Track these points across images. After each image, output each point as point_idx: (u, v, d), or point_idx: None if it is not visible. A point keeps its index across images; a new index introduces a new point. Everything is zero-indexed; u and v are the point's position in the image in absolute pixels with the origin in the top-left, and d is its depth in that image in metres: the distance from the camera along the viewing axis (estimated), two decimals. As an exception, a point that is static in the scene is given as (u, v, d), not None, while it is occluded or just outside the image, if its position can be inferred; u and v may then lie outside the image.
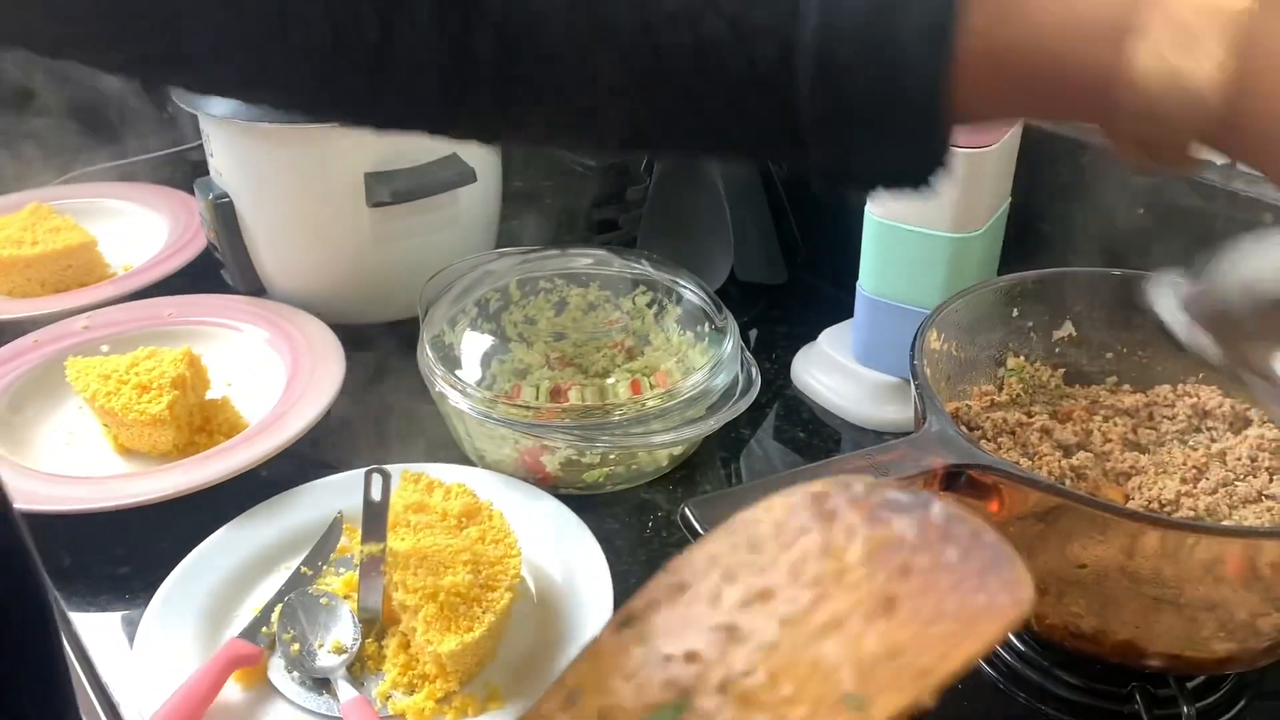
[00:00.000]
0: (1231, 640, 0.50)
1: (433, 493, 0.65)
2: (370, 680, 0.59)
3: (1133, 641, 0.51)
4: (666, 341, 0.80)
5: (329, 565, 0.66)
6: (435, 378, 0.72)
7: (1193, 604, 0.48)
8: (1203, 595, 0.48)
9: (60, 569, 0.68)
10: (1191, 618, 0.49)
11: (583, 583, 0.63)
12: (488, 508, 0.64)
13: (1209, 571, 0.47)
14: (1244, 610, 0.48)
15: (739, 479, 0.76)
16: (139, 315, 0.88)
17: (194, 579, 0.64)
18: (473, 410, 0.70)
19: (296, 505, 0.70)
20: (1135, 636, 0.51)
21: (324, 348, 0.82)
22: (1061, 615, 0.52)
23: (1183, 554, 0.47)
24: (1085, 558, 0.49)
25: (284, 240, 0.87)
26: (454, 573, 0.58)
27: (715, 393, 0.71)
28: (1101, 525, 0.48)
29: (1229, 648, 0.50)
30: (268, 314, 0.87)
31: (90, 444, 0.77)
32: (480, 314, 0.81)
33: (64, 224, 0.99)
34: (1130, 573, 0.48)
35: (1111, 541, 0.48)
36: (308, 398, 0.76)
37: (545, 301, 0.83)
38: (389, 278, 0.88)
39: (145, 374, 0.73)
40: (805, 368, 0.84)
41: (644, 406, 0.70)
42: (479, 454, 0.74)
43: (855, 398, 0.80)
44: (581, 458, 0.71)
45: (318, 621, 0.60)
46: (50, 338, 0.85)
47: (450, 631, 0.56)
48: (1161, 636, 0.51)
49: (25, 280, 0.96)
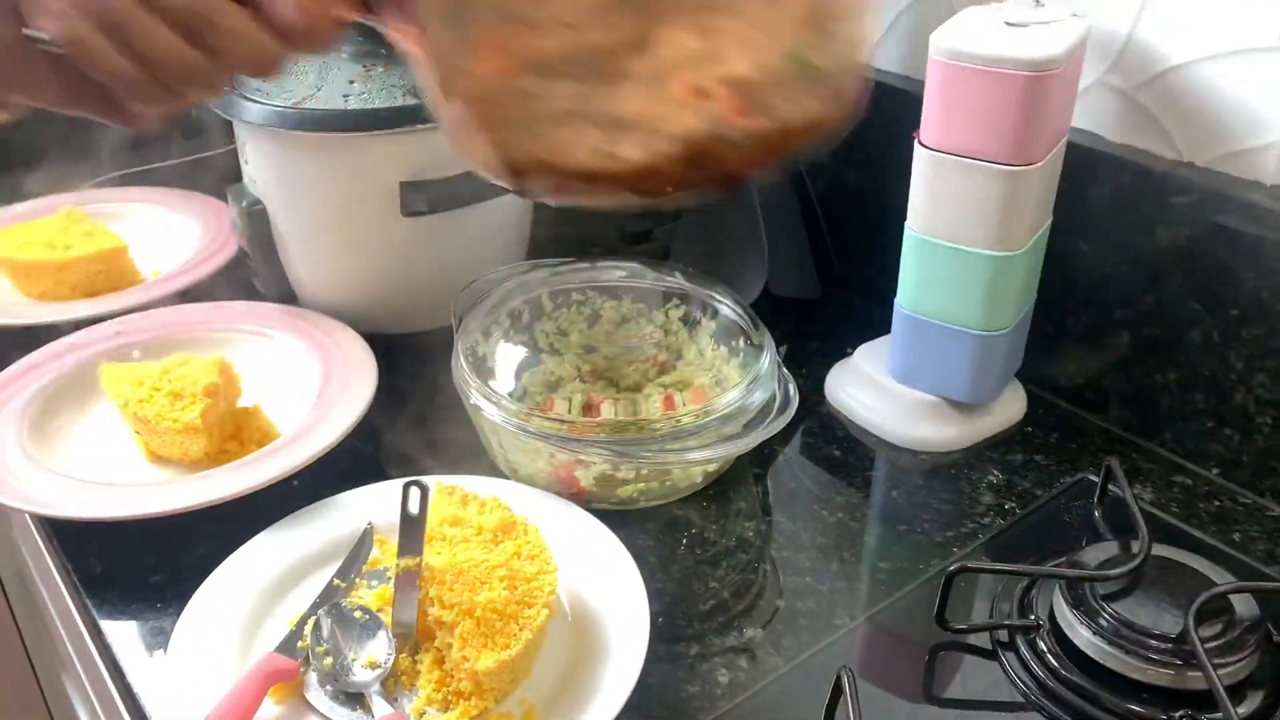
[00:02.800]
0: (636, 144, 0.44)
1: (467, 506, 0.64)
2: (404, 696, 0.58)
3: (545, 160, 0.46)
4: (700, 356, 0.80)
5: (361, 578, 0.65)
6: (470, 390, 0.72)
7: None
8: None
9: (91, 577, 0.68)
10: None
11: (618, 599, 0.62)
12: (523, 522, 0.64)
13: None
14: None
15: (772, 497, 0.75)
16: (170, 321, 0.88)
17: (226, 590, 0.63)
18: (507, 423, 0.70)
19: (327, 516, 0.69)
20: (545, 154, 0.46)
21: (356, 357, 0.81)
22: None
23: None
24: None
25: (316, 248, 0.87)
26: (490, 589, 0.57)
27: (751, 410, 0.70)
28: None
29: (634, 154, 0.45)
30: (300, 322, 0.87)
31: (121, 450, 0.77)
32: (513, 325, 0.80)
33: (96, 229, 0.99)
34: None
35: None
36: (340, 407, 0.76)
37: (577, 314, 0.82)
38: (420, 287, 0.87)
39: (178, 381, 0.73)
40: (839, 384, 0.83)
41: (679, 423, 0.69)
42: (512, 467, 0.74)
43: (891, 415, 0.79)
44: (616, 473, 0.70)
45: (352, 636, 0.60)
46: (82, 343, 0.85)
47: (487, 648, 0.55)
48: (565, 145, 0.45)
49: (57, 284, 0.96)
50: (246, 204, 0.86)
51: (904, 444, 0.79)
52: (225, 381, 0.75)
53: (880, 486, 0.76)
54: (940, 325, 0.75)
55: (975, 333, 0.74)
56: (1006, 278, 0.72)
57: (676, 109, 0.44)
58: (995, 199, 0.69)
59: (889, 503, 0.74)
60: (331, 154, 0.81)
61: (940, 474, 0.76)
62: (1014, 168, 0.68)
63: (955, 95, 0.68)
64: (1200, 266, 0.72)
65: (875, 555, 0.69)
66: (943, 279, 0.73)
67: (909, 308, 0.76)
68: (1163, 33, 0.71)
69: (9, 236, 0.98)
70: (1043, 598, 0.62)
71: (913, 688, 0.61)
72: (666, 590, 0.66)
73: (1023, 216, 0.70)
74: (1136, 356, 0.77)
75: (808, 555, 0.69)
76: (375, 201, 0.82)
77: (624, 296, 0.83)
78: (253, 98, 0.82)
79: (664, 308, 0.82)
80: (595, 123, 0.44)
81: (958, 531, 0.71)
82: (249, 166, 0.86)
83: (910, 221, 0.73)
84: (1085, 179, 0.75)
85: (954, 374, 0.76)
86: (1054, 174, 0.73)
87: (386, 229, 0.83)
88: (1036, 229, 0.73)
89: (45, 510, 0.67)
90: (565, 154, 0.46)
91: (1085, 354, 0.81)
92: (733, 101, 0.44)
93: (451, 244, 0.86)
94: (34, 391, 0.79)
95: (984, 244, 0.71)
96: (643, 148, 0.45)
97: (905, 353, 0.78)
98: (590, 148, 0.45)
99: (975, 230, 0.70)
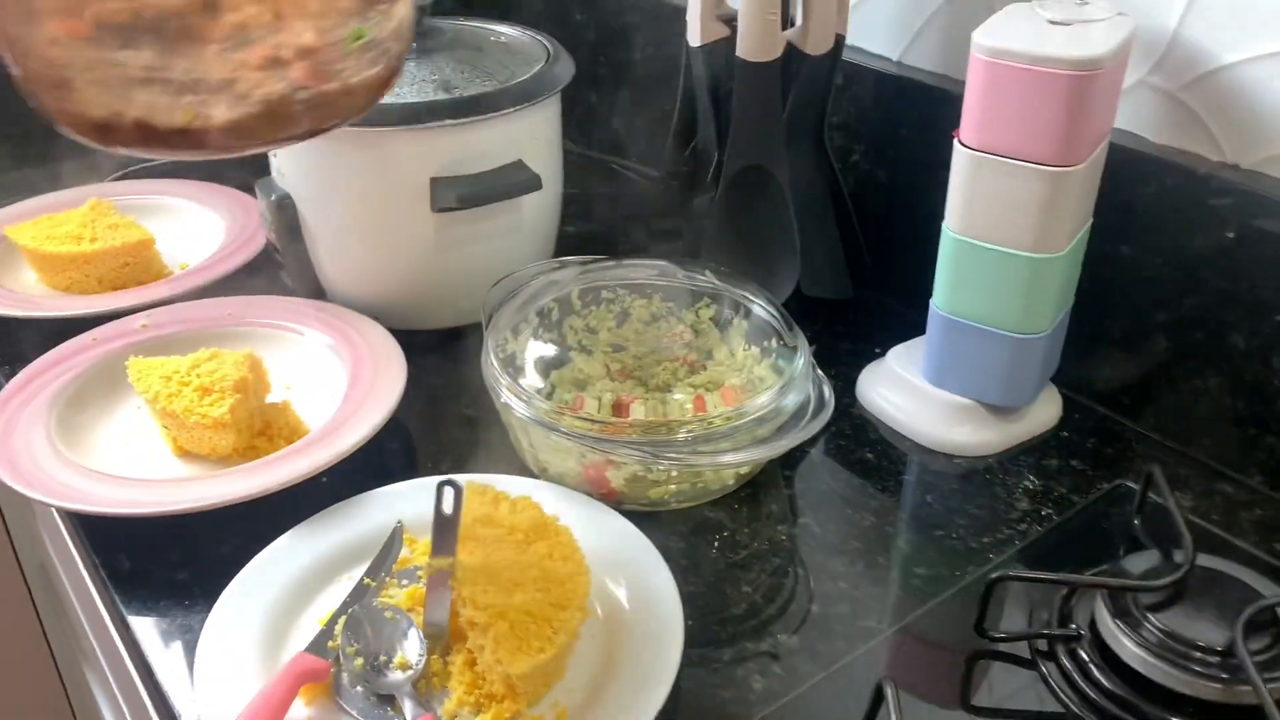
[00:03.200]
0: (224, 105, 0.50)
1: (499, 506, 0.63)
2: (435, 698, 0.57)
3: (143, 120, 0.50)
4: (730, 356, 0.79)
5: (391, 577, 0.65)
6: (500, 388, 0.71)
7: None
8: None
9: (119, 572, 0.67)
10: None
11: (650, 601, 0.62)
12: (554, 523, 0.63)
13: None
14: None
15: (803, 500, 0.74)
16: (198, 315, 0.88)
17: (255, 588, 0.63)
18: (538, 422, 0.69)
19: (356, 514, 0.69)
20: (142, 115, 0.49)
21: (384, 352, 0.81)
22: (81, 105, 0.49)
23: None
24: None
25: (345, 243, 0.86)
26: (524, 591, 0.57)
27: (785, 412, 0.70)
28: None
29: (224, 113, 0.50)
30: (328, 317, 0.86)
31: (148, 445, 0.76)
32: (542, 323, 0.79)
33: (123, 221, 0.98)
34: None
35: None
36: (369, 404, 0.75)
37: (607, 311, 0.82)
38: (449, 284, 0.87)
39: (207, 376, 0.73)
40: (872, 385, 0.82)
41: (711, 425, 0.68)
42: (541, 466, 0.73)
43: (925, 418, 0.78)
44: (648, 474, 0.69)
45: (383, 636, 0.59)
46: (109, 336, 0.85)
47: (521, 651, 0.54)
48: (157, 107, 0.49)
49: (83, 277, 0.95)
50: (275, 198, 0.85)
51: (938, 447, 0.77)
52: (255, 376, 0.74)
53: (914, 490, 0.75)
54: (977, 327, 0.74)
55: (1012, 335, 0.73)
56: (1046, 280, 0.71)
57: (256, 73, 0.50)
58: (1036, 200, 0.68)
59: (923, 507, 0.73)
60: (363, 149, 0.80)
61: (975, 478, 0.75)
62: (1057, 169, 0.66)
63: (997, 94, 0.66)
64: (1243, 270, 0.70)
65: (910, 561, 0.68)
66: (980, 280, 0.72)
67: (945, 309, 0.75)
68: (1210, 32, 0.70)
69: (36, 228, 0.97)
70: (1083, 607, 0.61)
71: (949, 696, 0.60)
72: (697, 594, 0.65)
73: (1064, 218, 0.69)
74: (1176, 361, 0.76)
75: (840, 560, 0.68)
76: (405, 196, 0.82)
77: (654, 295, 0.82)
78: (283, 91, 0.81)
79: (694, 307, 0.81)
80: (181, 85, 0.49)
81: (993, 537, 0.70)
82: (277, 159, 0.86)
83: (948, 222, 0.72)
84: (1126, 180, 0.74)
85: (990, 377, 0.75)
86: (1096, 175, 0.72)
87: (416, 224, 0.83)
88: (1077, 231, 0.72)
89: (75, 506, 0.67)
90: (155, 113, 0.50)
91: (1123, 358, 0.79)
92: (305, 67, 0.51)
93: (480, 240, 0.85)
94: (61, 385, 0.79)
95: (1024, 245, 0.69)
96: (229, 108, 0.50)
97: (940, 355, 0.77)
98: (180, 107, 0.50)
99: (1015, 231, 0.69)
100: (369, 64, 0.54)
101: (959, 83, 0.85)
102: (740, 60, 0.80)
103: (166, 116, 0.50)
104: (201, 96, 0.50)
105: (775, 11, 0.77)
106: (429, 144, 0.80)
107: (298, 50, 0.50)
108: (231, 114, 0.50)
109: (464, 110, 0.80)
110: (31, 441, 0.72)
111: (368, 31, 0.53)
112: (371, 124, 0.79)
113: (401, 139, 0.80)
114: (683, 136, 0.93)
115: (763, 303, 0.78)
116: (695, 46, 0.85)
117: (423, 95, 0.81)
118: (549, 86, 0.85)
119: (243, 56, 0.49)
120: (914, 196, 0.90)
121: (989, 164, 0.68)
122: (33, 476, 0.68)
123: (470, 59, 0.86)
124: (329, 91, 0.52)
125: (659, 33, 1.12)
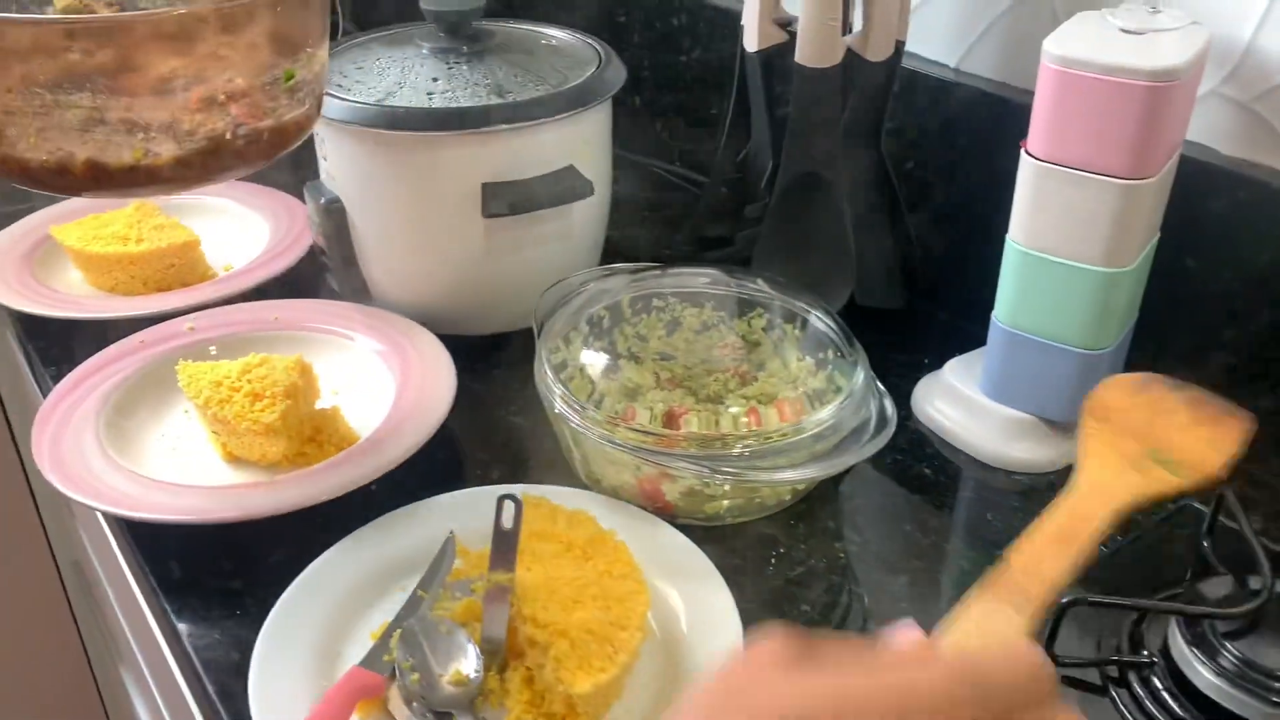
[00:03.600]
0: (171, 141, 0.55)
1: (555, 519, 0.63)
2: (491, 715, 0.56)
3: (95, 160, 0.54)
4: (784, 368, 0.77)
5: (444, 589, 0.64)
6: (554, 397, 0.70)
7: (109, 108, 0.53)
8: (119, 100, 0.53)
9: (170, 580, 0.67)
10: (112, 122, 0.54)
11: (709, 621, 0.60)
12: (612, 538, 0.62)
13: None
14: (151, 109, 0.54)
15: (860, 516, 0.73)
16: (244, 318, 0.87)
17: (308, 600, 0.62)
18: (592, 433, 0.68)
19: (406, 524, 0.68)
20: (93, 155, 0.54)
21: (433, 359, 0.80)
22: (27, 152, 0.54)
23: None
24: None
25: (394, 248, 0.85)
26: (584, 608, 0.56)
27: (845, 428, 0.68)
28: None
29: (172, 149, 0.56)
30: (375, 321, 0.85)
31: (196, 450, 0.76)
32: (592, 331, 0.78)
33: (168, 222, 0.98)
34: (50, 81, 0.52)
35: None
36: (419, 411, 0.74)
37: (657, 320, 0.80)
38: (498, 290, 0.86)
39: (258, 382, 0.72)
40: (927, 398, 0.81)
41: (769, 440, 0.67)
42: (594, 477, 0.72)
43: (983, 434, 0.76)
44: (705, 488, 0.68)
45: (438, 651, 0.58)
46: (156, 338, 0.84)
47: (583, 671, 0.53)
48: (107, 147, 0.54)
49: (128, 278, 0.95)
50: (325, 201, 0.84)
51: (996, 463, 0.76)
52: (305, 382, 0.74)
53: (973, 508, 0.73)
54: (1040, 342, 0.72)
55: (1078, 351, 0.71)
56: (1114, 295, 0.69)
57: (198, 114, 0.56)
58: (1107, 213, 0.66)
59: (983, 525, 0.71)
60: (414, 153, 0.79)
61: (1036, 496, 0.73)
62: (1129, 181, 0.65)
63: (1068, 104, 0.65)
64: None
65: (971, 580, 0.66)
66: (1045, 294, 0.70)
67: (1007, 322, 0.73)
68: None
69: (81, 228, 0.97)
70: (1154, 632, 0.59)
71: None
72: (755, 611, 0.64)
73: (1134, 232, 0.67)
74: (1243, 379, 0.74)
75: (899, 578, 0.67)
76: (456, 201, 0.81)
77: (705, 304, 0.81)
78: (334, 94, 0.81)
79: (746, 316, 0.80)
80: (127, 126, 0.54)
81: (1057, 557, 0.68)
82: (327, 163, 0.85)
83: (1012, 233, 0.71)
84: (1195, 192, 0.72)
85: (1053, 393, 0.73)
86: (1166, 187, 0.70)
87: (466, 229, 0.82)
88: (1146, 244, 0.70)
89: (130, 513, 0.66)
90: (105, 153, 0.55)
91: (1187, 374, 0.77)
92: (243, 106, 0.57)
93: (529, 246, 0.84)
94: (110, 388, 0.78)
95: (1092, 259, 0.68)
96: (177, 144, 0.56)
97: (1000, 369, 0.75)
98: (130, 146, 0.55)
99: (1083, 245, 0.68)
100: (298, 103, 0.60)
101: (1019, 90, 0.84)
102: (799, 66, 0.78)
103: (116, 155, 0.55)
104: (149, 135, 0.55)
105: (836, 17, 0.76)
106: (481, 149, 0.79)
107: (230, 93, 0.56)
108: (180, 150, 0.56)
109: (518, 115, 0.79)
110: (83, 446, 0.72)
111: (298, 72, 0.60)
112: (424, 128, 0.78)
113: (454, 144, 0.79)
114: (734, 142, 0.91)
115: (819, 313, 0.77)
116: (751, 52, 0.84)
117: (475, 99, 0.80)
118: (602, 91, 0.83)
119: (179, 101, 0.55)
120: (970, 206, 0.88)
121: (1058, 175, 0.67)
122: (84, 482, 0.68)
123: (522, 62, 0.85)
124: (264, 129, 0.59)
125: (704, 35, 1.10)
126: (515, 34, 0.90)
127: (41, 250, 1.00)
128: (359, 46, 0.89)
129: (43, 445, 0.72)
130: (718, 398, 0.76)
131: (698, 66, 1.12)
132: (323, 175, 0.87)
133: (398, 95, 0.80)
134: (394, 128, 0.78)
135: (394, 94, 0.80)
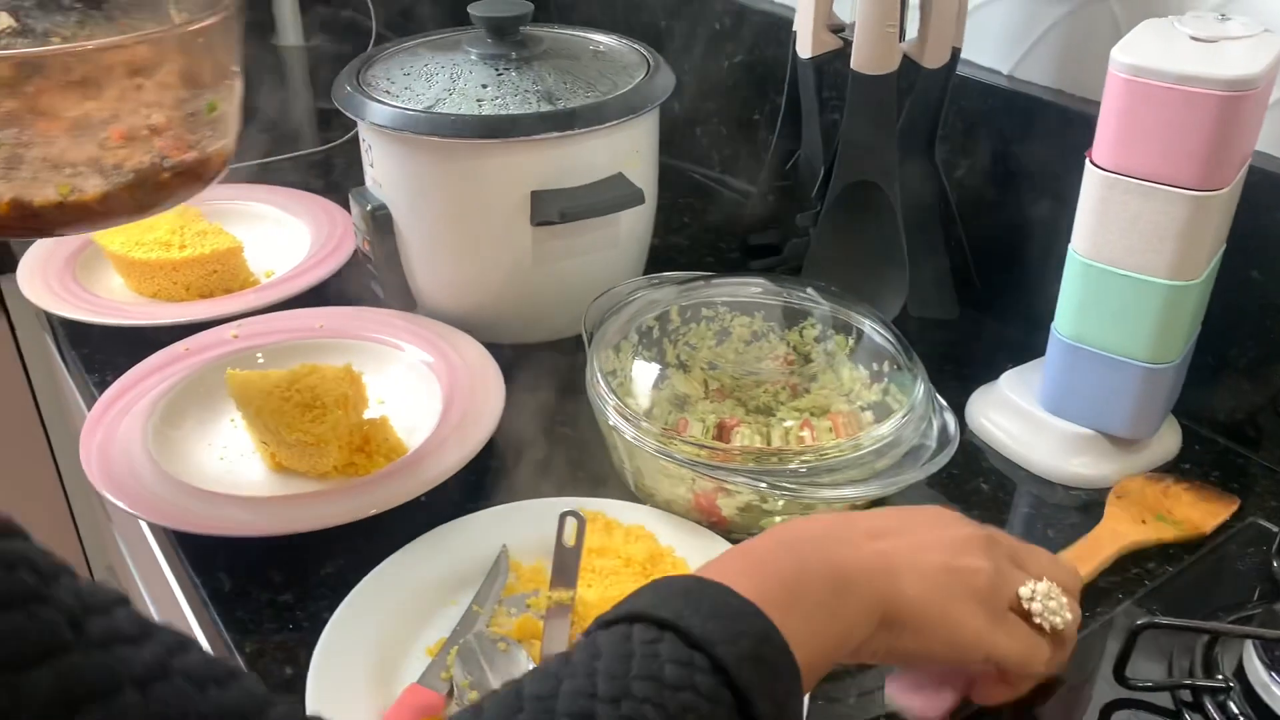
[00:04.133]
0: (97, 176, 0.55)
1: (613, 535, 0.62)
2: (551, 735, 0.55)
3: (19, 199, 0.54)
4: (836, 379, 0.76)
5: (499, 604, 0.63)
6: (608, 409, 0.69)
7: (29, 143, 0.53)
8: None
9: (220, 593, 0.66)
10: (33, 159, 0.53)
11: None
12: (670, 554, 0.61)
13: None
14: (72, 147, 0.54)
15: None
16: (289, 326, 0.86)
17: (361, 615, 0.61)
18: (648, 446, 0.67)
19: (458, 538, 0.67)
20: (17, 194, 0.54)
21: (480, 369, 0.79)
22: None
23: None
24: None
25: (440, 255, 0.84)
26: (647, 627, 0.54)
27: (905, 443, 0.67)
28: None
29: (98, 185, 0.55)
30: (420, 329, 0.84)
31: (244, 459, 0.75)
32: (642, 341, 0.77)
33: (211, 228, 0.97)
34: None
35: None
36: (468, 422, 0.73)
37: (706, 329, 0.79)
38: (545, 299, 0.85)
39: (308, 392, 0.71)
40: (983, 410, 0.79)
41: (826, 455, 0.66)
42: (647, 491, 0.71)
43: (1040, 447, 0.75)
44: (763, 503, 0.67)
45: (496, 668, 0.57)
46: (201, 346, 0.84)
47: (648, 693, 0.52)
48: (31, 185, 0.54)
49: (171, 284, 0.95)
50: (371, 208, 0.84)
51: (1054, 478, 0.74)
52: (354, 392, 0.73)
53: (1032, 523, 0.72)
54: (1102, 355, 0.71)
55: (1141, 364, 0.70)
56: (1179, 308, 0.68)
57: (121, 150, 0.56)
58: (1176, 225, 0.65)
59: (1043, 542, 0.70)
60: (463, 160, 0.79)
61: (1095, 511, 0.72)
62: (1199, 193, 0.63)
63: (1137, 114, 0.63)
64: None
65: (1034, 599, 0.65)
66: (1109, 306, 0.69)
67: (1068, 335, 0.72)
68: (1360, 50, 0.66)
69: (124, 234, 0.96)
70: (1228, 655, 0.58)
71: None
72: (813, 628, 0.63)
73: (1202, 244, 0.66)
74: (1309, 393, 0.73)
75: (961, 596, 0.65)
76: (504, 209, 0.80)
77: (755, 313, 0.80)
78: (382, 99, 0.80)
79: (798, 326, 0.79)
80: (50, 164, 0.54)
81: (1121, 576, 0.67)
82: (374, 170, 0.84)
83: (1075, 244, 0.69)
84: (1262, 203, 0.71)
85: (1114, 407, 0.72)
86: (1235, 199, 0.68)
87: (513, 237, 0.81)
88: (1213, 256, 0.69)
89: (180, 525, 0.65)
90: (29, 191, 0.54)
91: (1249, 388, 0.76)
92: (166, 140, 0.57)
93: (576, 254, 0.84)
94: (156, 396, 0.78)
95: (1159, 272, 0.66)
96: (104, 179, 0.56)
97: (1060, 382, 0.74)
98: (54, 183, 0.55)
99: (1150, 257, 0.66)
100: (220, 135, 0.61)
101: (1076, 99, 0.83)
102: (854, 73, 0.77)
103: (41, 192, 0.55)
104: (74, 171, 0.55)
105: (894, 23, 0.75)
106: (530, 156, 0.78)
107: (151, 129, 0.57)
108: (106, 185, 0.56)
109: (567, 123, 0.78)
110: (132, 456, 0.71)
111: (220, 104, 0.60)
112: (475, 136, 0.77)
113: (502, 151, 0.78)
114: (784, 149, 0.90)
115: (874, 324, 0.76)
116: (805, 59, 0.83)
117: (525, 106, 0.79)
118: (652, 99, 0.82)
119: (101, 138, 0.55)
120: (1024, 215, 0.87)
121: (1124, 186, 0.65)
122: (135, 494, 0.67)
123: (570, 68, 0.84)
124: (189, 160, 0.59)
125: (746, 40, 1.09)
126: (562, 39, 0.90)
127: (83, 256, 0.99)
128: (406, 51, 0.88)
129: (91, 454, 0.71)
130: (768, 409, 0.75)
131: (740, 71, 1.11)
132: (369, 181, 0.86)
133: (447, 102, 0.79)
134: (445, 135, 0.77)
135: (443, 100, 0.80)
